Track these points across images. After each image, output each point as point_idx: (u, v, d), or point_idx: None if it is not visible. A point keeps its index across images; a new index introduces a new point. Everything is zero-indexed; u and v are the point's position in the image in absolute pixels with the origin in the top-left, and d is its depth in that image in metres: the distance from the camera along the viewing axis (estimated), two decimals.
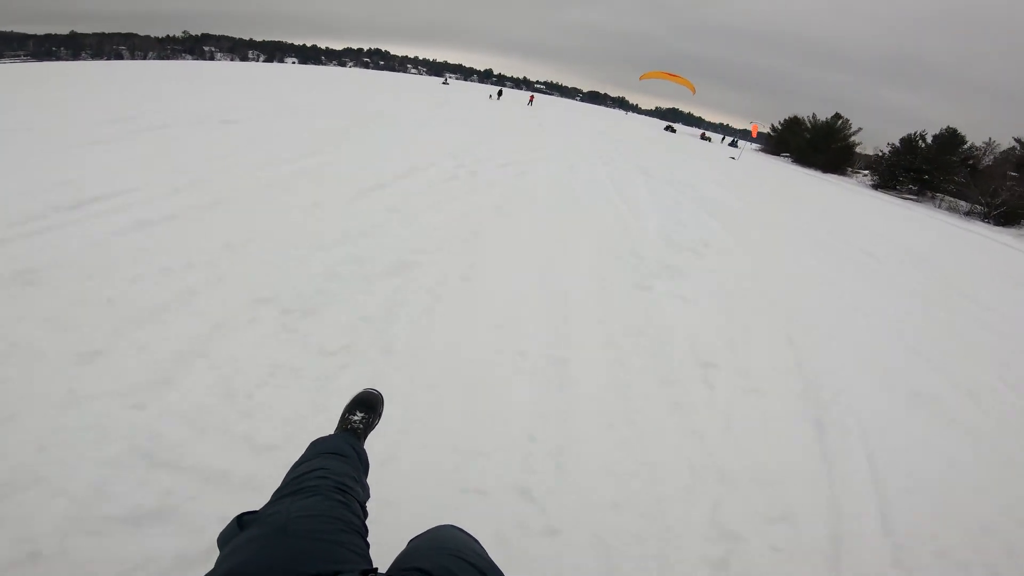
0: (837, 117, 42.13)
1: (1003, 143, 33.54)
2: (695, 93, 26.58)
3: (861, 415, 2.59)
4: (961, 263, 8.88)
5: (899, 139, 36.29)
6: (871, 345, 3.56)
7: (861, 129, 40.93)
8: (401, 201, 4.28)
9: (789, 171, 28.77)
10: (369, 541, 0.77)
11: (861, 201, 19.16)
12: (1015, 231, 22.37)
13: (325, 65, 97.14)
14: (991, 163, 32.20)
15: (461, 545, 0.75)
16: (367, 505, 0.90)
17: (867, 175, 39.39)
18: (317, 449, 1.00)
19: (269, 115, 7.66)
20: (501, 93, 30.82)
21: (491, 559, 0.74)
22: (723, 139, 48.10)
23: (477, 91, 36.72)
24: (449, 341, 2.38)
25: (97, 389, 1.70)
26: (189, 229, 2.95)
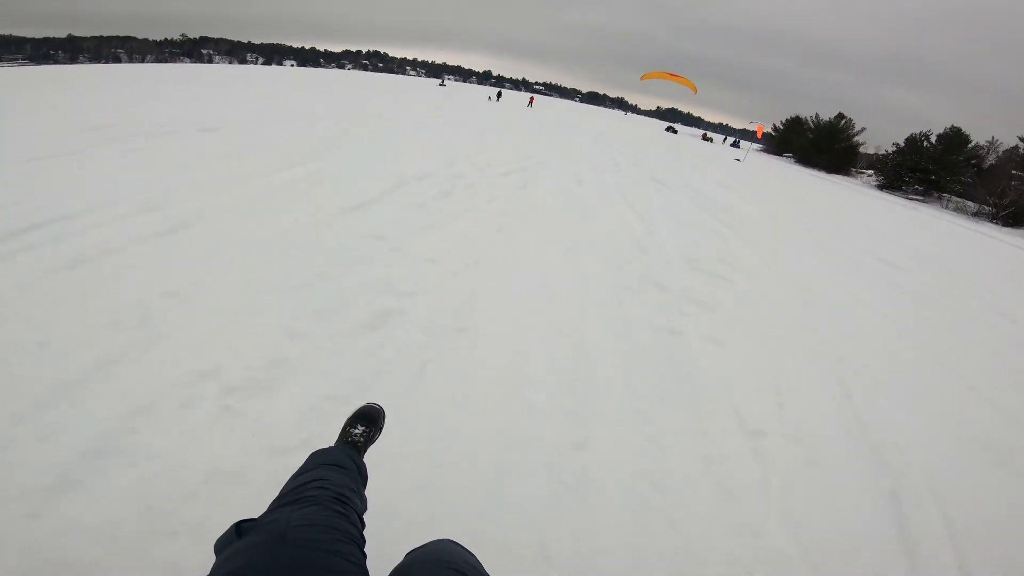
0: (840, 117, 41.70)
1: (1005, 142, 33.19)
2: (696, 93, 26.24)
3: (938, 485, 2.15)
4: (1005, 282, 8.34)
5: (903, 139, 35.93)
6: (931, 388, 3.07)
7: (865, 129, 40.52)
8: (389, 223, 3.75)
9: (793, 172, 28.30)
10: (367, 552, 0.75)
11: (872, 204, 18.69)
12: None
13: (324, 67, 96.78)
14: (995, 162, 31.81)
15: (459, 559, 0.75)
16: (364, 517, 0.87)
17: (872, 175, 38.94)
18: (317, 460, 0.98)
19: (255, 121, 7.17)
20: (500, 95, 30.55)
21: (489, 574, 0.74)
22: (724, 139, 47.66)
23: (476, 92, 36.23)
24: (437, 432, 1.85)
25: None
26: (127, 269, 2.44)
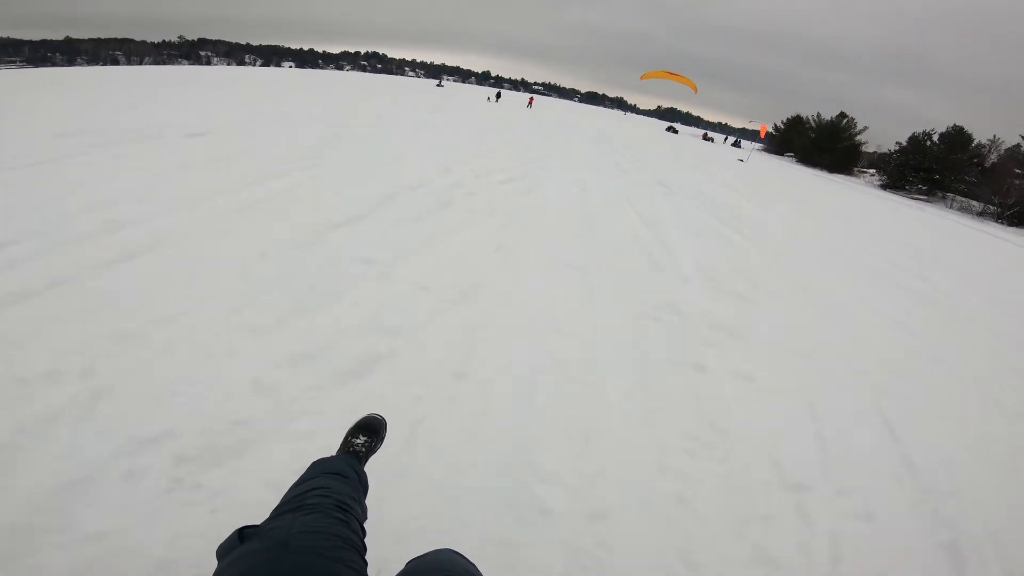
0: (842, 116, 41.40)
1: (1007, 140, 32.95)
2: (696, 92, 25.93)
3: (999, 533, 1.88)
4: None
5: (906, 138, 35.64)
6: (976, 421, 2.78)
7: (867, 128, 40.22)
8: (379, 242, 3.40)
9: (796, 172, 28.02)
10: (367, 559, 0.74)
11: (878, 205, 18.43)
12: None
13: (322, 69, 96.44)
14: (996, 161, 31.55)
15: (460, 569, 0.75)
16: (364, 525, 0.87)
17: (874, 175, 38.63)
18: (318, 469, 0.98)
19: (247, 125, 6.88)
20: (500, 95, 30.27)
21: None
22: (725, 139, 47.35)
23: (476, 93, 35.88)
24: (436, 503, 1.58)
25: None
26: (74, 305, 2.10)
